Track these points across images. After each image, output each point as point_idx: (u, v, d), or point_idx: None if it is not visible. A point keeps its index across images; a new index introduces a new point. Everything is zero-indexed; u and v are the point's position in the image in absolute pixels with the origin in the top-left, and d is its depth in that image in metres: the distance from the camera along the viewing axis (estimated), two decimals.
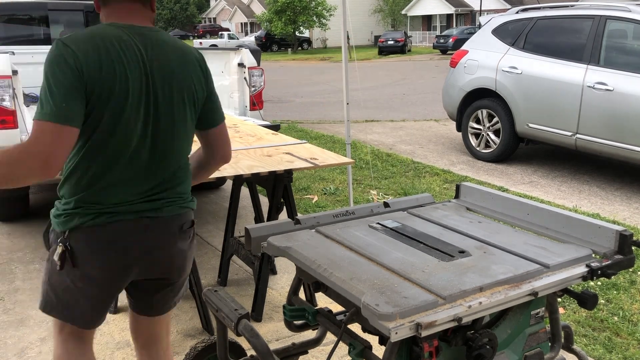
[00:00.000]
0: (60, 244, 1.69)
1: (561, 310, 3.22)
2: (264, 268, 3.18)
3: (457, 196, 2.41)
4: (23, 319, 3.22)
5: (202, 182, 2.71)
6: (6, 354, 2.87)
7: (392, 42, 35.82)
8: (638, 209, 5.15)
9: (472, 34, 9.17)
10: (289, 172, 3.16)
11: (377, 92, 14.99)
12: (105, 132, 1.63)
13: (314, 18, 42.49)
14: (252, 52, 5.01)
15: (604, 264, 1.76)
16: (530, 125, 6.34)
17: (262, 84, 4.94)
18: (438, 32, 41.93)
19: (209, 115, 1.88)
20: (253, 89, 4.87)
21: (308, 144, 3.53)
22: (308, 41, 46.99)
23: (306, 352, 2.17)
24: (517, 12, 6.87)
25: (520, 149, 6.95)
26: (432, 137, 8.58)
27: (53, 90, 1.52)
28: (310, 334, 2.22)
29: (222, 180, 4.76)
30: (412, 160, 7.02)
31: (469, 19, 44.29)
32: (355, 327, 1.77)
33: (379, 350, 1.65)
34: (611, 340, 2.97)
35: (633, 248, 1.85)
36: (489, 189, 2.31)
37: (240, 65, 4.87)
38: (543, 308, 1.82)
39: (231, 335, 2.03)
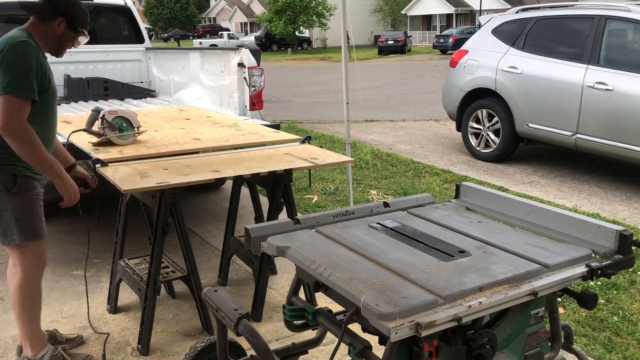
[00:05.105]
0: None
1: (561, 310, 3.23)
2: (264, 268, 3.19)
3: (457, 196, 2.42)
4: None
5: (203, 183, 2.71)
6: (6, 354, 2.87)
7: (392, 42, 35.79)
8: (638, 209, 5.15)
9: (472, 33, 9.16)
10: (289, 172, 3.16)
11: (377, 92, 14.99)
12: None
13: (314, 18, 42.45)
14: (252, 52, 5.00)
15: (603, 263, 1.76)
16: (530, 125, 6.34)
17: (262, 83, 4.94)
18: (438, 32, 41.94)
19: None
20: (253, 88, 4.87)
21: (308, 144, 3.53)
22: (308, 41, 46.98)
23: (306, 352, 2.17)
24: (517, 12, 6.87)
25: (520, 148, 6.95)
26: (432, 137, 8.58)
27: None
28: (310, 334, 2.22)
29: (222, 180, 4.75)
30: (412, 160, 7.02)
31: (469, 18, 44.28)
32: (355, 327, 1.77)
33: (379, 350, 1.65)
34: (611, 340, 2.97)
35: (633, 248, 1.85)
36: (489, 189, 2.31)
37: (240, 65, 4.86)
38: (543, 308, 1.83)
39: (231, 335, 2.03)
